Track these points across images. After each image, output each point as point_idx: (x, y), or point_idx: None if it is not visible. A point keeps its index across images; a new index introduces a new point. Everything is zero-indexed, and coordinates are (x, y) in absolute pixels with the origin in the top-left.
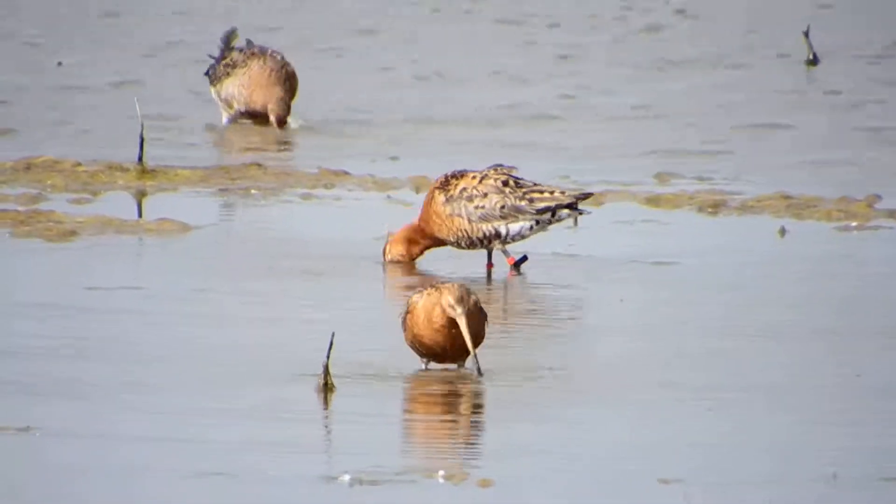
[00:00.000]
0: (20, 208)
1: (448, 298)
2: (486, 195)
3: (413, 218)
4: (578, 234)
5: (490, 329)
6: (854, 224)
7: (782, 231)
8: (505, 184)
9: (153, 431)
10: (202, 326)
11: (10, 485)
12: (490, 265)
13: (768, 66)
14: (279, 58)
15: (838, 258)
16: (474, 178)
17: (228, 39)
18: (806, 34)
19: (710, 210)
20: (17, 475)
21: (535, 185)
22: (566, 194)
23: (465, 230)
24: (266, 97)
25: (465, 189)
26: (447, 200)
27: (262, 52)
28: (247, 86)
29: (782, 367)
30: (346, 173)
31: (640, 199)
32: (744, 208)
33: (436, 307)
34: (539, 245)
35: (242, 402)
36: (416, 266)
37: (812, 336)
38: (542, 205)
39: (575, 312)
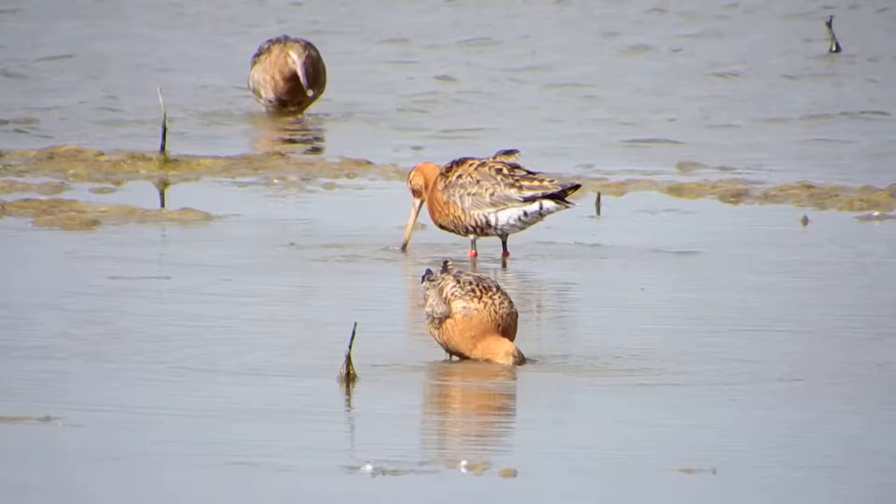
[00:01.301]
0: (43, 198)
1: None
2: (478, 182)
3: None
4: (601, 223)
5: None
6: (876, 213)
7: (804, 220)
8: (499, 171)
9: (175, 421)
10: (224, 315)
11: (32, 474)
12: (505, 254)
13: (790, 56)
14: (303, 43)
15: (860, 247)
16: (471, 164)
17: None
18: (829, 24)
19: (732, 199)
20: (37, 465)
21: (530, 173)
22: (554, 183)
23: (459, 217)
24: (282, 86)
25: (461, 176)
26: (445, 187)
27: (285, 41)
28: (269, 71)
29: (804, 356)
30: (369, 163)
31: (662, 189)
32: (766, 197)
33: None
34: (561, 234)
35: (265, 391)
36: (444, 252)
37: (834, 326)
38: (528, 193)
39: (596, 302)
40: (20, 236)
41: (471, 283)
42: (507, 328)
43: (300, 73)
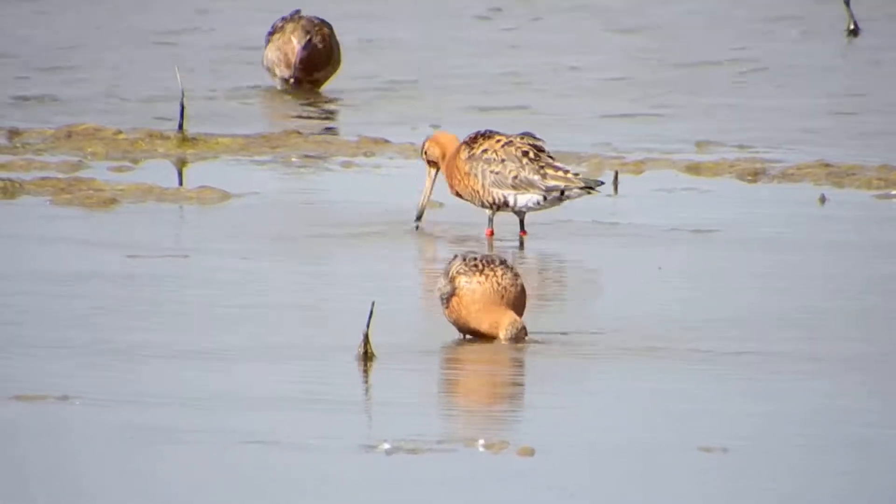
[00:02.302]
0: (61, 176)
1: (506, 331)
2: (503, 161)
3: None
4: (618, 201)
5: (529, 297)
6: (894, 192)
7: (822, 199)
8: (525, 154)
9: (193, 400)
10: (242, 294)
11: (50, 453)
12: (523, 232)
13: (809, 35)
14: (316, 21)
15: (878, 226)
16: (499, 141)
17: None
18: (847, 3)
19: (750, 178)
20: (56, 443)
21: (554, 161)
22: (578, 177)
23: (478, 191)
24: (294, 60)
25: (486, 150)
26: (469, 158)
27: (299, 16)
28: (282, 49)
29: (821, 336)
30: (387, 141)
31: (680, 167)
32: (784, 176)
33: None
34: (579, 213)
35: (283, 369)
36: (460, 231)
37: (852, 305)
38: (552, 182)
39: (614, 280)
40: (38, 214)
41: (475, 260)
42: (513, 300)
43: (295, 59)
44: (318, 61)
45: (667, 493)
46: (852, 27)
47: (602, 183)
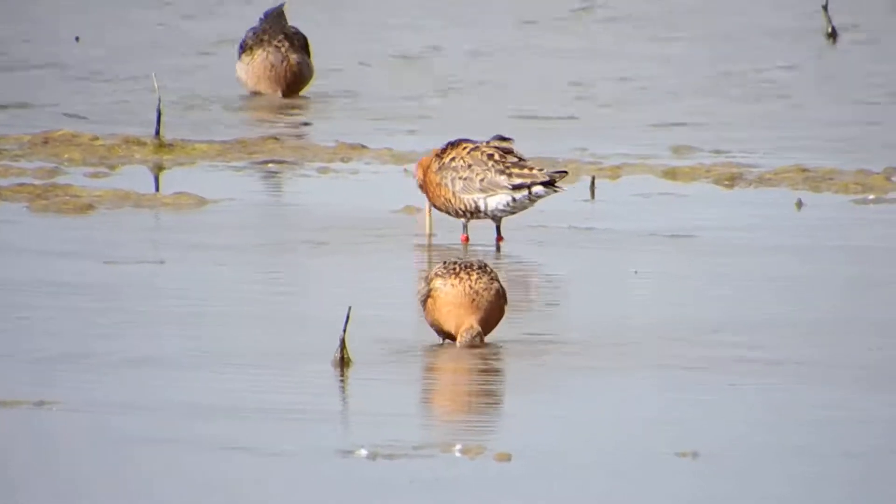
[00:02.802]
0: (37, 182)
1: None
2: (470, 166)
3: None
4: (595, 206)
5: (506, 302)
6: (871, 197)
7: (799, 204)
8: (490, 157)
9: (169, 406)
10: (219, 301)
11: (26, 458)
12: (500, 238)
13: (788, 39)
14: (283, 49)
15: (855, 231)
16: (465, 148)
17: (269, 15)
18: (825, 7)
19: (726, 183)
20: (31, 449)
21: (521, 160)
22: (543, 172)
23: (450, 200)
24: (264, 89)
25: (454, 158)
26: (439, 168)
27: (270, 40)
28: (250, 75)
29: (800, 340)
30: (364, 147)
31: (657, 172)
32: (761, 181)
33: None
34: (555, 218)
35: (258, 375)
36: (436, 236)
37: (830, 310)
38: (517, 181)
39: (590, 285)
40: (15, 221)
41: (454, 263)
42: (486, 305)
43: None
44: (286, 85)
45: (644, 497)
46: (830, 31)
47: (566, 172)
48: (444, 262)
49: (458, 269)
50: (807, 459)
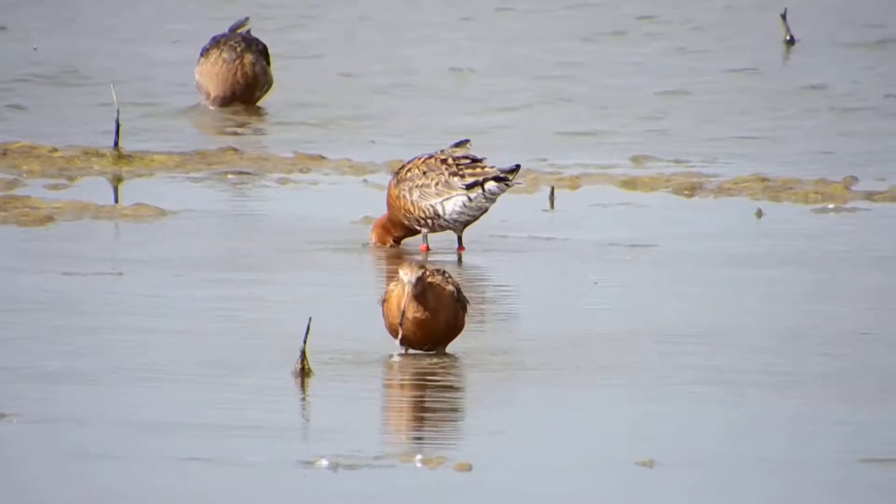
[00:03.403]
0: None
1: (400, 272)
2: (425, 174)
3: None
4: (555, 216)
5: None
6: (831, 206)
7: (759, 213)
8: (443, 161)
9: (129, 417)
10: (179, 312)
11: None
12: (461, 248)
13: (744, 46)
14: (238, 49)
15: (815, 240)
16: (419, 158)
17: (237, 27)
18: (783, 16)
19: (686, 192)
20: None
21: (475, 161)
22: (495, 169)
23: (410, 210)
24: (215, 90)
25: (409, 170)
26: (397, 183)
27: (227, 42)
28: (203, 75)
29: (759, 348)
30: (323, 157)
31: (616, 182)
32: (720, 190)
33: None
34: (515, 228)
35: (219, 387)
36: (399, 249)
37: (790, 318)
38: (470, 179)
39: (550, 295)
40: None
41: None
42: (433, 295)
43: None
44: (238, 84)
45: None
46: (788, 38)
47: (518, 167)
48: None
49: (414, 271)
50: (767, 469)
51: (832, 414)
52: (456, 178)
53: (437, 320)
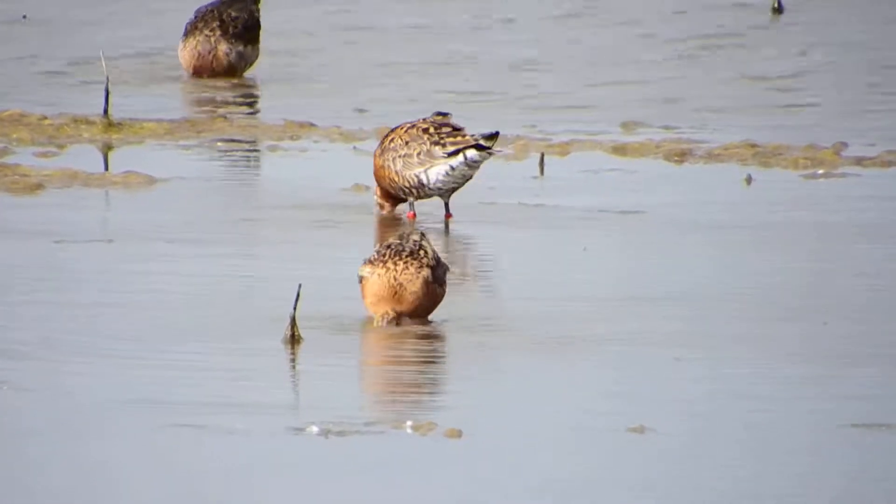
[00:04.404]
0: None
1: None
2: (407, 143)
3: None
4: (544, 183)
5: (453, 280)
6: (821, 172)
7: (748, 179)
8: (425, 131)
9: (120, 385)
10: (169, 280)
11: None
12: (448, 215)
13: (733, 13)
14: (213, 39)
15: (805, 206)
16: (402, 128)
17: None
18: None
19: (676, 158)
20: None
21: (455, 130)
22: (475, 137)
23: (394, 179)
24: (192, 75)
25: (392, 140)
26: (381, 153)
27: (203, 28)
28: (182, 58)
29: (749, 316)
30: (312, 125)
31: (606, 149)
32: (710, 157)
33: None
34: (504, 195)
35: (209, 353)
36: (386, 216)
37: (779, 285)
38: (451, 148)
39: (539, 262)
40: None
41: (389, 248)
42: (409, 297)
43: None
44: (220, 74)
45: (595, 472)
46: (777, 5)
47: (497, 133)
48: (382, 245)
49: (387, 257)
50: (756, 434)
51: (823, 378)
52: (437, 148)
53: (414, 310)
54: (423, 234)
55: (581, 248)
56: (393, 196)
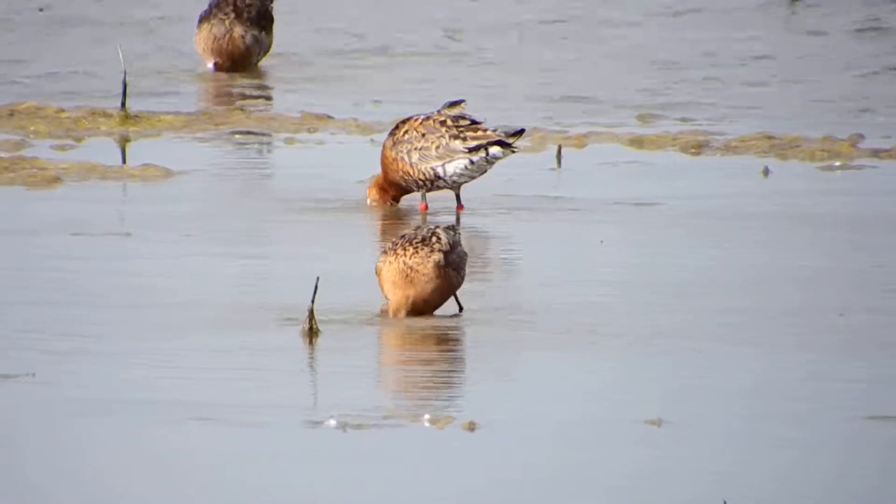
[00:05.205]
0: (3, 155)
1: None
2: (424, 136)
3: None
4: (562, 175)
5: (471, 272)
6: (837, 164)
7: (765, 171)
8: (443, 123)
9: (139, 377)
10: (187, 272)
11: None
12: (459, 207)
13: (752, 6)
14: (227, 22)
15: (822, 197)
16: (416, 120)
17: None
18: None
19: (693, 151)
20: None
21: (474, 123)
22: (497, 132)
23: (409, 172)
24: (207, 61)
25: (406, 132)
26: (393, 145)
27: (217, 13)
28: (199, 45)
29: (765, 308)
30: (329, 117)
31: (623, 141)
32: (727, 148)
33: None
34: (521, 187)
35: (227, 346)
36: (399, 206)
37: (795, 277)
38: (473, 143)
39: (556, 254)
40: None
41: (403, 238)
42: (421, 279)
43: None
44: (227, 58)
45: (613, 465)
46: None
47: (522, 130)
48: (402, 237)
49: (398, 246)
50: (775, 426)
51: (841, 371)
52: (457, 141)
53: (426, 298)
54: (450, 228)
55: (598, 241)
56: (402, 187)
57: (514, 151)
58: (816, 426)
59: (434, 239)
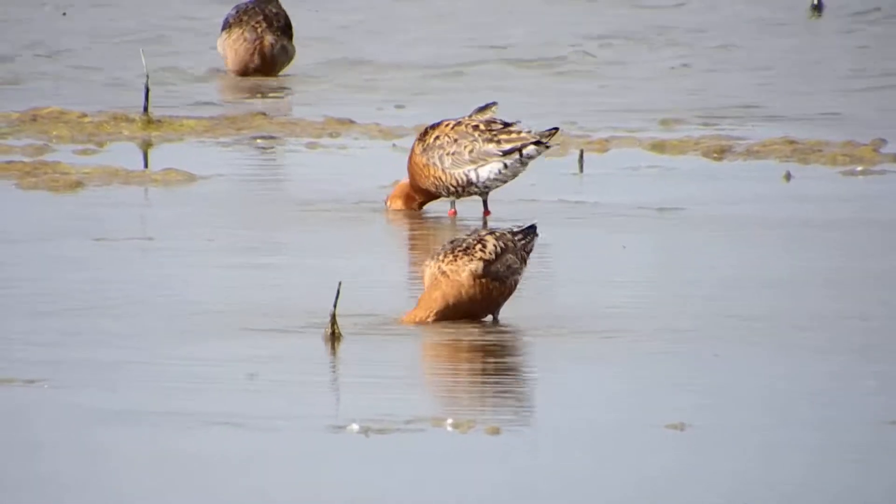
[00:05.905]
0: (26, 159)
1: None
2: (456, 140)
3: None
4: (584, 180)
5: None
6: (859, 168)
7: (787, 176)
8: (475, 128)
9: (162, 381)
10: (209, 277)
11: (18, 432)
12: (486, 212)
13: (772, 14)
14: (259, 30)
15: (843, 202)
16: (447, 125)
17: None
18: None
19: (715, 155)
20: (24, 426)
21: (506, 125)
22: (531, 134)
23: (440, 178)
24: (233, 66)
25: (438, 137)
26: (424, 150)
27: (248, 20)
28: (227, 52)
29: (787, 313)
30: (352, 122)
31: (645, 145)
32: (749, 153)
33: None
34: (544, 192)
35: (250, 351)
36: (423, 212)
37: (817, 281)
38: (507, 146)
39: (579, 259)
40: (4, 198)
41: (451, 243)
42: (444, 284)
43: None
44: (259, 64)
45: (634, 469)
46: (816, 2)
47: (557, 129)
48: (450, 242)
49: (440, 251)
50: (797, 430)
51: (863, 375)
52: (491, 145)
53: (457, 308)
54: (508, 232)
55: (620, 246)
56: (430, 194)
57: (547, 147)
58: (838, 430)
59: (479, 247)
